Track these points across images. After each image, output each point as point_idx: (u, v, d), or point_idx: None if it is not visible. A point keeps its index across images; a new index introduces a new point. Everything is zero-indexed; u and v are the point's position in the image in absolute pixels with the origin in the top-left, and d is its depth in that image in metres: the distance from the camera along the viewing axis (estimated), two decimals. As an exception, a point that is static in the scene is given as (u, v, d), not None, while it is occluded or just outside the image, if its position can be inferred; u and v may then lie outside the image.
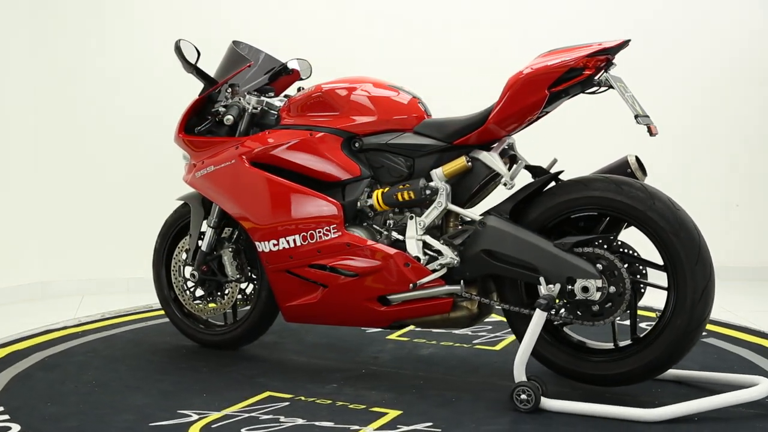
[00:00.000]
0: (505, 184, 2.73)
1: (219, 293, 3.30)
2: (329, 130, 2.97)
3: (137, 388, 2.86)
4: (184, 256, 3.36)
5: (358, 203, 2.93)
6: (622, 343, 2.69)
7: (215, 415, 2.56)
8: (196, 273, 3.27)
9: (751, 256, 4.85)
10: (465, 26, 4.86)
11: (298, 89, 3.20)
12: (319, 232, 2.93)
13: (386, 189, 2.89)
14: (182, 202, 3.43)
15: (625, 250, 2.62)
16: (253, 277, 3.28)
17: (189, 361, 3.21)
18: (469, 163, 2.78)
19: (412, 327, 3.16)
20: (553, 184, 2.74)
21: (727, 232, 4.80)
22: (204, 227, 3.29)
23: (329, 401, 2.68)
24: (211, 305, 3.30)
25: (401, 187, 2.84)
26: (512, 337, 3.48)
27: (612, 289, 2.55)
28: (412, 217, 2.84)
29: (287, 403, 2.67)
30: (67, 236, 4.75)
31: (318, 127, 2.99)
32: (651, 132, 2.55)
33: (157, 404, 2.68)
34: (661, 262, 2.59)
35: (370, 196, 2.92)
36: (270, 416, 2.54)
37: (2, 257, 4.53)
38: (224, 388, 2.85)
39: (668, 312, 2.56)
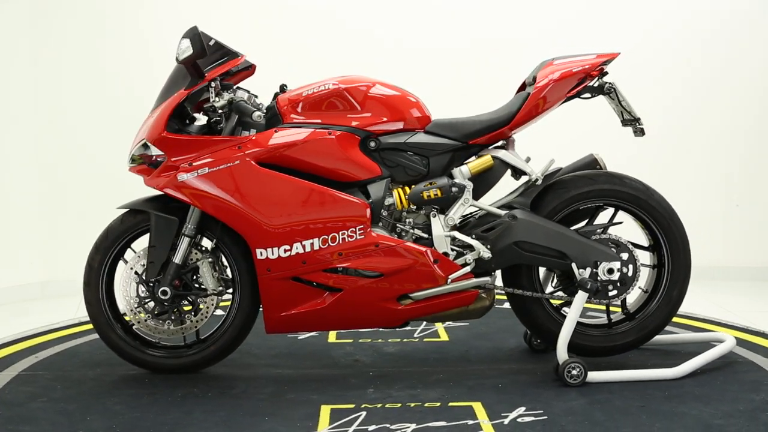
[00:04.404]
0: (536, 181, 2.93)
1: (186, 310, 2.95)
2: (347, 128, 2.87)
3: (175, 424, 2.47)
4: (138, 270, 2.92)
5: (383, 202, 2.88)
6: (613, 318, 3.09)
7: (318, 434, 2.37)
8: (168, 289, 2.87)
9: (751, 256, 4.79)
10: (463, 26, 4.75)
11: (282, 87, 3.00)
12: (344, 233, 2.82)
13: (408, 188, 2.89)
14: (126, 210, 2.98)
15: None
16: (224, 289, 2.99)
17: (179, 388, 2.82)
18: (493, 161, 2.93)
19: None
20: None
21: (727, 232, 4.77)
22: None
23: (398, 404, 2.63)
24: (184, 323, 2.93)
25: (427, 185, 2.86)
26: (441, 328, 3.65)
27: (625, 269, 2.93)
28: (435, 215, 2.89)
29: (363, 413, 2.55)
30: (67, 236, 4.61)
31: (335, 125, 2.86)
32: (643, 133, 2.99)
33: (233, 435, 2.38)
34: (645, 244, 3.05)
35: (390, 195, 2.90)
36: (375, 426, 2.43)
37: (2, 257, 4.46)
38: (270, 409, 2.60)
39: (663, 286, 3.02)
